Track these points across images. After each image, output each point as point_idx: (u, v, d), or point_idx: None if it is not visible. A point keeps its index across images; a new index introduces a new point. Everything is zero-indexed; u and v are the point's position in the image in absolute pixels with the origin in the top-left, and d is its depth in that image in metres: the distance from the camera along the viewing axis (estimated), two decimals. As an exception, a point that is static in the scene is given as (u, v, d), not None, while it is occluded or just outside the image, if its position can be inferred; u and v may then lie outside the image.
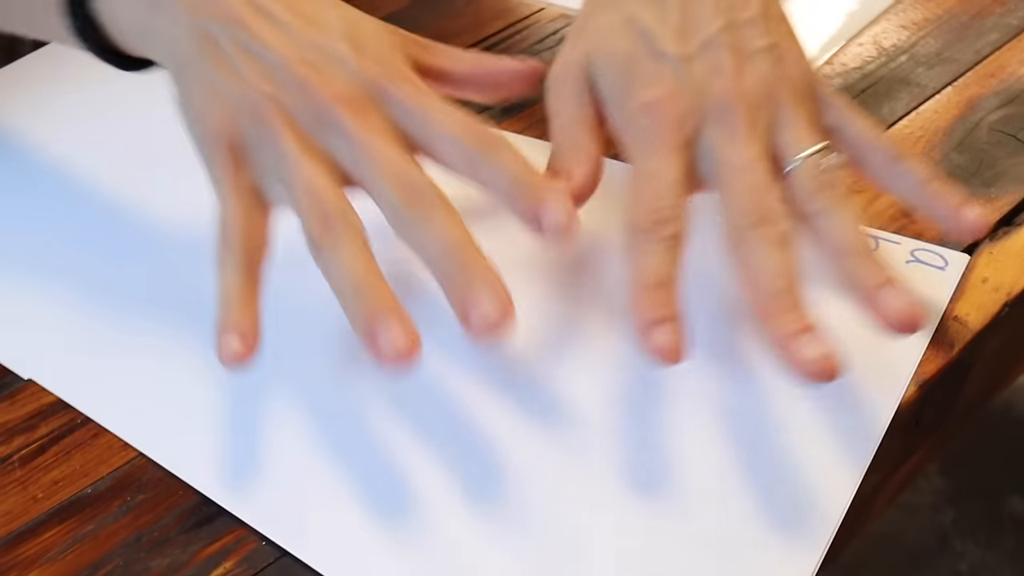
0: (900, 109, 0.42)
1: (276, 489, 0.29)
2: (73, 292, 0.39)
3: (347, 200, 0.29)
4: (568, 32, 0.38)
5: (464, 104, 0.31)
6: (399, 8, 0.57)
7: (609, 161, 0.34)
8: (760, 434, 0.28)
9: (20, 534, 0.28)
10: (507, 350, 0.32)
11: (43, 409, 0.33)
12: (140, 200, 0.43)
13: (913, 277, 0.33)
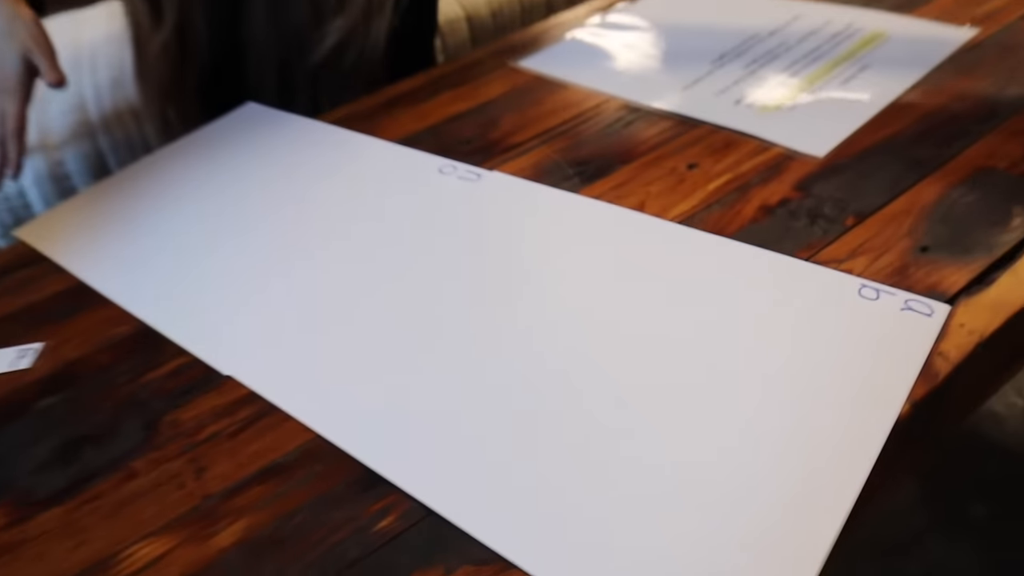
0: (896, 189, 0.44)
1: (422, 460, 0.30)
2: (260, 308, 0.41)
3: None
4: None
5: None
6: (499, 94, 0.58)
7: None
8: (779, 439, 0.29)
9: (232, 490, 0.31)
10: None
11: (241, 398, 0.35)
12: (316, 236, 0.45)
13: (906, 321, 0.33)
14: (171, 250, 0.46)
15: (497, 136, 0.52)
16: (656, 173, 0.46)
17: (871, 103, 0.49)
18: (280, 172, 0.52)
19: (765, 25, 0.61)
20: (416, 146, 0.52)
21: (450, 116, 0.55)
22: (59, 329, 0.42)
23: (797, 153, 0.46)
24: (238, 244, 0.46)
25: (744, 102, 0.51)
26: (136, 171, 0.56)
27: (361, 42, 0.61)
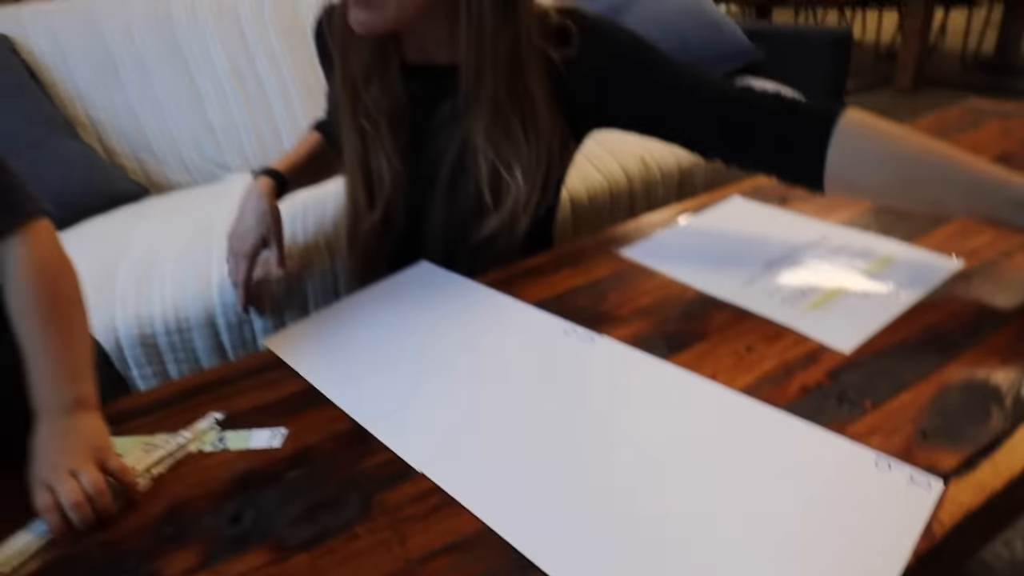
0: (904, 384, 0.49)
1: (564, 550, 0.37)
2: (443, 420, 0.49)
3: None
4: None
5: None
6: (606, 275, 0.66)
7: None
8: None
9: (427, 557, 0.38)
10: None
11: (430, 489, 0.43)
12: (477, 368, 0.54)
13: (911, 491, 0.39)
14: (375, 367, 0.57)
15: (606, 308, 0.62)
16: (724, 351, 0.54)
17: (885, 312, 0.57)
18: (448, 316, 0.63)
19: (801, 240, 0.70)
20: (546, 309, 0.62)
21: (571, 288, 0.65)
22: (297, 420, 0.52)
23: (829, 347, 0.54)
24: (422, 367, 0.56)
25: (789, 302, 0.60)
26: (348, 303, 0.68)
27: (508, 233, 0.71)
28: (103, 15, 1.37)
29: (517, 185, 0.69)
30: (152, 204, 1.28)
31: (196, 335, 0.96)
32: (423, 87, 0.71)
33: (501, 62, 0.65)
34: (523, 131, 0.69)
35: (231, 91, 1.42)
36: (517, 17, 0.64)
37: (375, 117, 0.71)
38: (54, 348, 0.50)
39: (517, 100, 0.67)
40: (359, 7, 0.62)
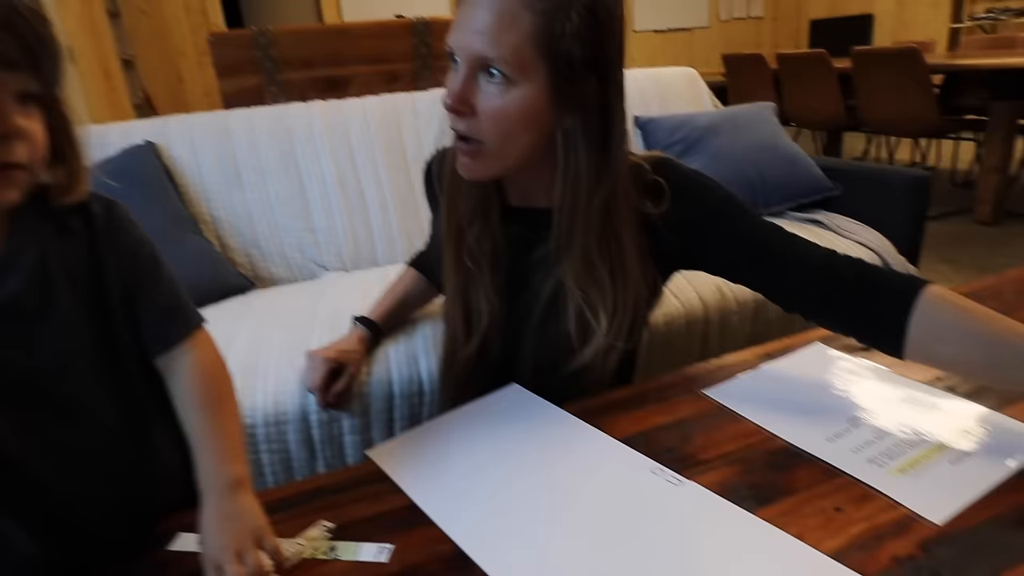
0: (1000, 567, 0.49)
1: None
2: (539, 545, 0.52)
3: None
4: None
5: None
6: (691, 414, 0.69)
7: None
8: None
9: None
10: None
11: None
12: (567, 495, 0.57)
13: None
14: (472, 489, 0.61)
15: (691, 450, 0.65)
16: (811, 509, 0.56)
17: (977, 484, 0.57)
18: (540, 441, 0.67)
19: (886, 397, 0.71)
20: (632, 446, 0.65)
21: (656, 426, 0.69)
22: (402, 536, 0.56)
23: (920, 516, 0.55)
24: (517, 492, 0.60)
25: (876, 462, 0.61)
26: (443, 421, 0.73)
27: (593, 370, 0.76)
28: (235, 126, 1.56)
29: (601, 329, 0.73)
30: (256, 297, 1.40)
31: (290, 428, 1.03)
32: (522, 229, 0.78)
33: (593, 211, 0.70)
34: (610, 278, 0.73)
35: (335, 198, 1.57)
36: (611, 170, 0.70)
37: (476, 257, 0.77)
38: (216, 437, 0.59)
39: (606, 248, 0.72)
40: (466, 155, 0.70)
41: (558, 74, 0.65)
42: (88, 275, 0.57)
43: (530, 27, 0.63)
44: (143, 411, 0.62)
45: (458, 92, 0.65)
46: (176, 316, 0.62)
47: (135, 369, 0.61)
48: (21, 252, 0.53)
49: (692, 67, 1.91)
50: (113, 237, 0.59)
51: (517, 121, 0.66)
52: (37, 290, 0.53)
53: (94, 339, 0.57)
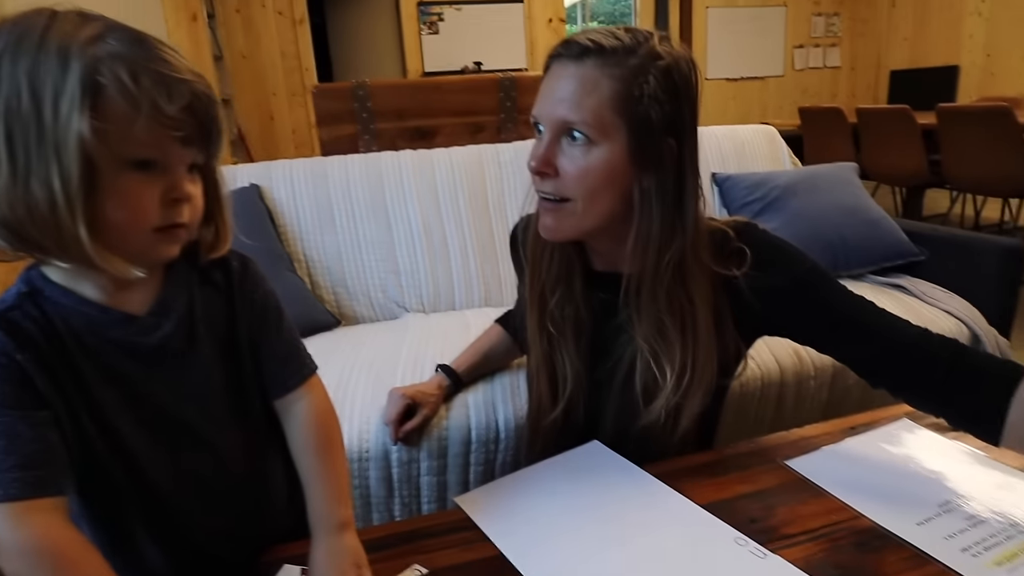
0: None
1: None
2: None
3: None
4: None
5: None
6: (774, 485, 0.69)
7: None
8: None
9: None
10: None
11: None
12: (649, 557, 0.59)
13: None
14: (557, 544, 0.63)
15: (775, 523, 0.65)
16: (902, 596, 0.56)
17: None
18: (623, 501, 0.69)
19: (979, 481, 0.70)
20: (714, 513, 0.67)
21: (739, 495, 0.70)
22: (494, 586, 0.59)
23: (1019, 612, 0.54)
24: (602, 551, 0.62)
25: (971, 551, 0.60)
26: (527, 474, 0.77)
27: (664, 430, 0.77)
28: (331, 172, 1.67)
29: (667, 385, 0.75)
30: (342, 334, 1.48)
31: (372, 466, 1.08)
32: (605, 295, 0.80)
33: (664, 269, 0.72)
34: (680, 336, 0.73)
35: (419, 242, 1.65)
36: (684, 229, 0.72)
37: (560, 323, 0.80)
38: (327, 480, 0.65)
39: (677, 306, 0.74)
40: (547, 214, 0.73)
41: (636, 134, 0.69)
42: (225, 323, 0.64)
43: (609, 91, 0.67)
44: (264, 449, 0.68)
45: (543, 155, 0.70)
46: (295, 362, 0.69)
47: (258, 410, 0.67)
48: (174, 300, 0.60)
49: (764, 116, 1.94)
50: (247, 290, 0.66)
51: (599, 179, 0.70)
52: (185, 334, 0.61)
53: (227, 381, 0.64)
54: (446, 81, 2.03)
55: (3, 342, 0.52)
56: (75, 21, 0.50)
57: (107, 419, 0.57)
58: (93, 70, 0.48)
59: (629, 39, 0.68)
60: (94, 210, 0.50)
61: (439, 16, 5.48)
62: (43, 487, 0.51)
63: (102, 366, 0.56)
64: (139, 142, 0.50)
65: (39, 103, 0.47)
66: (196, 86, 0.53)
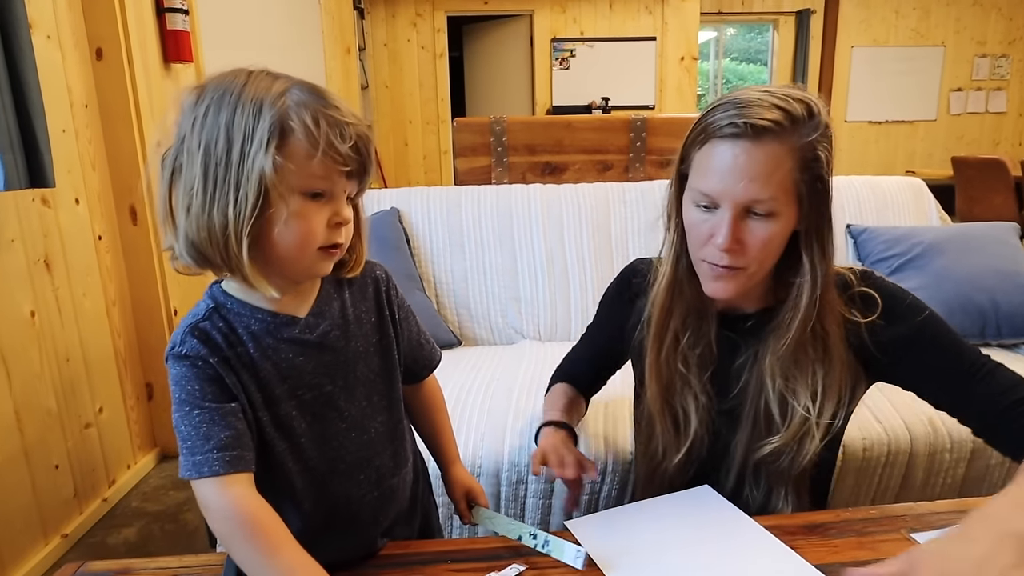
0: None
1: None
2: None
3: None
4: None
5: None
6: (880, 558, 0.68)
7: None
8: None
9: None
10: None
11: None
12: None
13: None
14: None
15: (894, 595, 0.64)
16: None
17: None
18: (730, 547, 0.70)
19: None
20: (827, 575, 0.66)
21: (855, 561, 0.68)
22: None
23: None
24: None
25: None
26: (637, 509, 0.80)
27: (793, 455, 0.79)
28: (465, 201, 1.79)
29: (803, 409, 0.78)
30: (462, 354, 1.58)
31: (482, 481, 1.15)
32: (729, 334, 0.84)
33: (808, 307, 0.76)
34: (812, 363, 0.78)
35: (541, 272, 1.73)
36: (827, 270, 0.76)
37: (687, 360, 0.84)
38: (449, 431, 0.89)
39: (813, 335, 0.77)
40: (720, 280, 0.76)
41: (810, 196, 0.73)
42: (374, 323, 0.74)
43: (791, 164, 0.71)
44: (404, 435, 0.78)
45: (731, 236, 0.73)
46: (426, 356, 0.83)
47: (398, 395, 0.77)
48: (328, 304, 0.71)
49: (911, 163, 1.84)
50: (392, 295, 0.77)
51: (778, 246, 0.75)
52: (340, 332, 0.70)
53: (377, 372, 0.74)
54: (578, 120, 2.12)
55: (199, 348, 0.63)
56: (267, 79, 0.61)
57: (278, 408, 0.67)
58: (284, 116, 0.59)
59: (802, 110, 0.71)
60: (261, 234, 0.60)
61: (571, 52, 5.64)
62: (237, 464, 0.62)
63: (277, 362, 0.66)
64: (315, 175, 0.61)
65: (231, 144, 0.58)
66: (359, 128, 0.63)
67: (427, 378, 0.85)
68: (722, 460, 0.85)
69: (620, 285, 0.96)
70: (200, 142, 0.59)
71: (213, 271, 0.64)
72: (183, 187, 0.60)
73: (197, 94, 0.61)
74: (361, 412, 0.72)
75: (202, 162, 0.59)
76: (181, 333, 0.65)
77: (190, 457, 0.61)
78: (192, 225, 0.60)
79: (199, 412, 0.62)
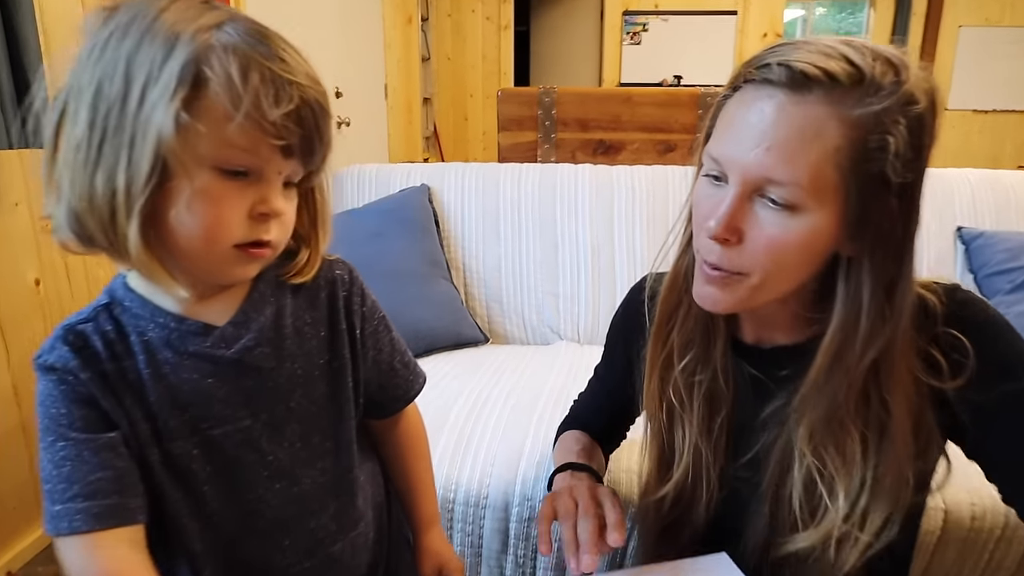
0: None
1: None
2: None
3: None
4: None
5: None
6: None
7: None
8: None
9: None
10: None
11: None
12: None
13: None
14: None
15: None
16: None
17: None
18: None
19: None
20: None
21: None
22: None
23: None
24: None
25: None
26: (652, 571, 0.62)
27: (831, 562, 0.58)
28: (504, 180, 1.60)
29: (836, 510, 0.56)
30: (488, 354, 1.39)
31: (488, 514, 0.97)
32: (755, 373, 0.63)
33: (861, 365, 0.54)
34: (861, 449, 0.56)
35: (585, 266, 1.52)
36: (894, 317, 0.53)
37: (685, 388, 0.64)
38: (429, 484, 0.70)
39: (864, 410, 0.55)
40: (712, 284, 0.56)
41: (860, 198, 0.50)
42: (325, 339, 0.56)
43: (837, 142, 0.49)
44: (351, 477, 0.60)
45: (727, 218, 0.52)
46: (400, 386, 0.64)
47: (354, 439, 0.59)
48: (259, 311, 0.53)
49: (1019, 156, 1.51)
50: (355, 302, 0.59)
51: (795, 252, 0.53)
52: (271, 348, 0.53)
53: (322, 405, 0.56)
54: (639, 93, 1.87)
55: (68, 359, 0.47)
56: (198, 7, 0.44)
57: (172, 445, 0.50)
58: (202, 58, 0.42)
59: (876, 67, 0.48)
60: (156, 213, 0.44)
61: (643, 26, 5.32)
62: (112, 517, 0.46)
63: (175, 384, 0.50)
64: (233, 146, 0.44)
65: (128, 86, 0.42)
66: (308, 92, 0.45)
67: (401, 412, 0.66)
68: (734, 536, 0.65)
69: (628, 308, 0.76)
70: (93, 79, 0.43)
71: (104, 253, 0.47)
72: (68, 137, 0.44)
73: (105, 16, 0.45)
74: (292, 456, 0.54)
75: (90, 106, 0.43)
76: (53, 337, 0.48)
77: (50, 507, 0.46)
78: (74, 190, 0.44)
79: (64, 445, 0.47)
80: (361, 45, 3.51)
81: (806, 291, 0.57)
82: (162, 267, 0.46)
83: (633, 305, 0.74)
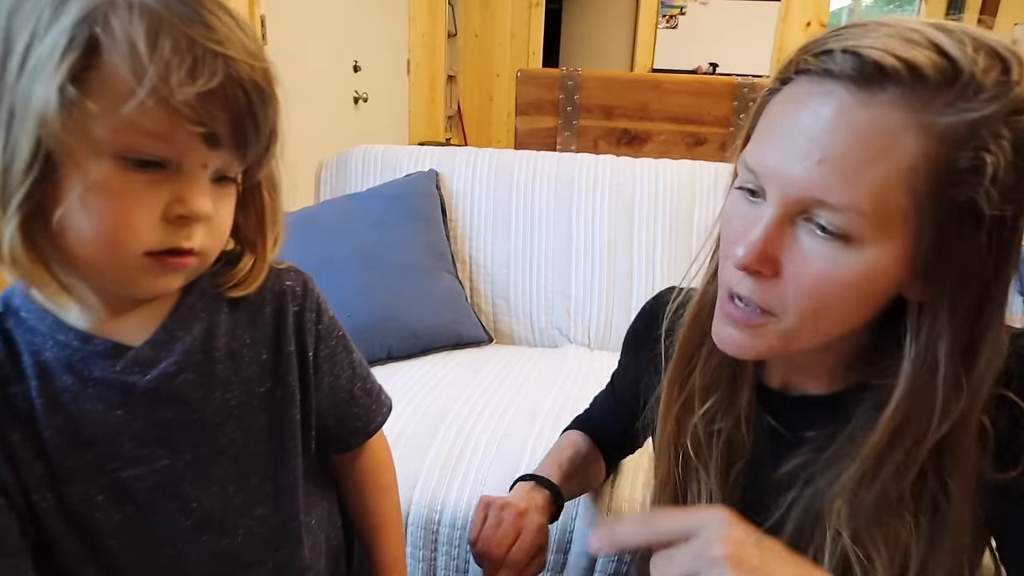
0: None
1: None
2: None
3: None
4: None
5: None
6: None
7: None
8: None
9: None
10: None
11: None
12: None
13: None
14: None
15: None
16: None
17: None
18: None
19: None
20: None
21: None
22: None
23: None
24: None
25: None
26: None
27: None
28: (518, 168, 1.49)
29: None
30: (491, 355, 1.30)
31: (474, 544, 0.88)
32: (777, 425, 0.53)
33: (925, 443, 0.43)
34: (912, 527, 0.45)
35: (599, 266, 1.41)
36: (972, 385, 0.42)
37: (704, 439, 0.55)
38: (395, 524, 0.61)
39: (917, 483, 0.45)
40: (736, 326, 0.46)
41: (938, 231, 0.39)
42: (270, 360, 0.47)
43: (914, 159, 0.37)
44: (296, 525, 0.51)
45: (761, 244, 0.42)
46: (361, 418, 0.56)
47: (295, 476, 0.50)
48: (185, 329, 0.44)
49: None
50: (307, 319, 0.50)
51: (844, 294, 0.42)
52: (197, 374, 0.44)
53: (261, 442, 0.47)
54: (670, 80, 1.74)
55: None
56: None
57: (71, 488, 0.42)
58: (99, 18, 0.33)
59: (978, 61, 0.37)
60: (42, 209, 0.35)
61: (681, 10, 5.12)
62: None
63: (76, 416, 0.41)
64: (138, 131, 0.35)
65: (9, 48, 0.34)
66: (240, 67, 0.36)
67: (363, 446, 0.57)
68: None
69: (643, 329, 0.68)
70: None
71: None
72: None
73: None
74: (223, 503, 0.46)
75: None
76: None
77: None
78: None
79: None
80: (384, 17, 3.40)
81: (855, 340, 0.47)
82: (49, 275, 0.37)
83: (650, 326, 0.65)
